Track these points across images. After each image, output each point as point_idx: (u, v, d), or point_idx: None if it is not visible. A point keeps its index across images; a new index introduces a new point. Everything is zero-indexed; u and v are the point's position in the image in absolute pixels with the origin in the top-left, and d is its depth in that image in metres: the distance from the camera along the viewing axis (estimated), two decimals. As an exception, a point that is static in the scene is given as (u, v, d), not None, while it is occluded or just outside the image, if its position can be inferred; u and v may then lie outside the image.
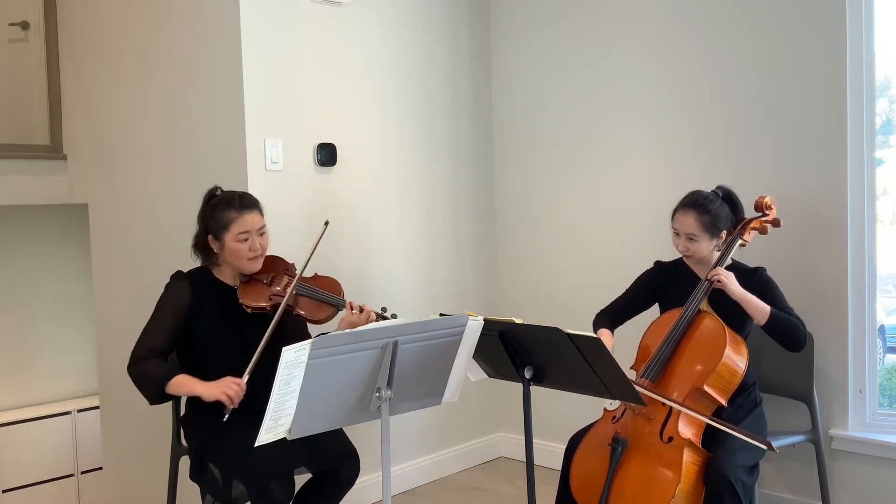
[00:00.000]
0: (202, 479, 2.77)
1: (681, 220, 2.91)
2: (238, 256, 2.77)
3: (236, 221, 2.75)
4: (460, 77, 4.28)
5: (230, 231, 2.75)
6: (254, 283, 2.83)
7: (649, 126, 3.83)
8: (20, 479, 4.96)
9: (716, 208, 2.90)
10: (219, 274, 2.86)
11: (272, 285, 2.83)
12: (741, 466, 2.61)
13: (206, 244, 2.82)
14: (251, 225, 2.76)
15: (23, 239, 5.17)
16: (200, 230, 2.84)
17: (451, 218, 4.26)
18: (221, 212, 2.76)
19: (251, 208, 2.79)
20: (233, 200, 2.78)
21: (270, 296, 2.80)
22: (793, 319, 2.83)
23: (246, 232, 2.75)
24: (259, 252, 2.79)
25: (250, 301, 2.79)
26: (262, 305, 2.78)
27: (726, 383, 2.73)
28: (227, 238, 2.75)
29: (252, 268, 2.81)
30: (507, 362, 2.46)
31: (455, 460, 4.28)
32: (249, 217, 2.77)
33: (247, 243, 2.76)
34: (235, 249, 2.76)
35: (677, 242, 2.94)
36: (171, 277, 2.85)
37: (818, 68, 3.31)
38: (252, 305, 2.78)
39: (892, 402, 3.47)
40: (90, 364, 5.02)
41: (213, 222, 2.77)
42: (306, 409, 2.13)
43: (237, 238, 2.75)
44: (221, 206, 2.78)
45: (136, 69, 3.85)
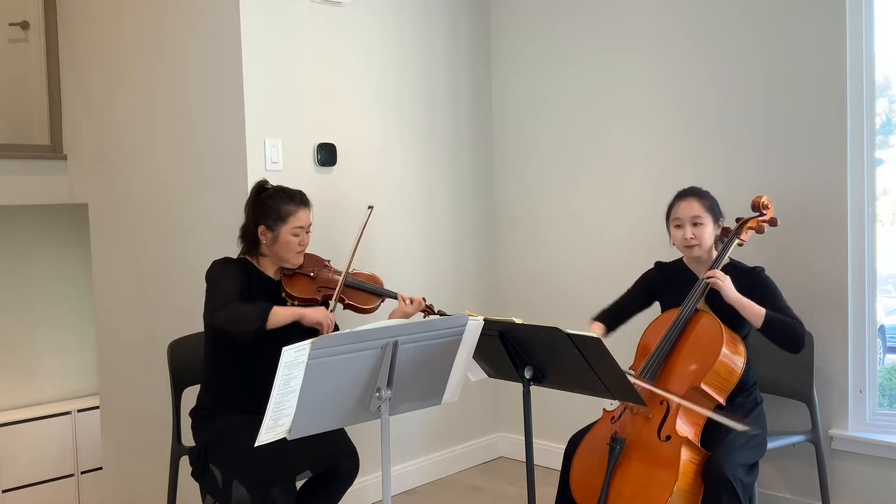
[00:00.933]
0: (203, 478, 2.77)
1: (683, 207, 2.93)
2: (288, 249, 2.85)
3: (295, 215, 2.84)
4: (460, 77, 4.28)
5: (287, 223, 2.83)
6: (300, 277, 2.93)
7: (649, 126, 3.83)
8: (20, 479, 4.96)
9: (710, 196, 2.98)
10: (261, 267, 2.91)
11: (317, 279, 2.94)
12: (740, 465, 2.61)
13: (253, 235, 2.87)
14: (306, 220, 2.88)
15: (23, 239, 5.17)
16: (249, 220, 2.89)
17: (451, 217, 4.26)
18: (282, 204, 2.84)
19: (308, 205, 2.91)
20: (294, 195, 2.88)
21: (318, 287, 2.92)
22: (788, 320, 2.81)
23: (301, 227, 2.86)
24: (305, 247, 2.91)
25: (300, 293, 2.88)
26: (312, 297, 2.89)
27: (724, 382, 2.73)
28: (282, 230, 2.83)
29: (297, 261, 2.91)
30: (507, 362, 2.46)
31: (455, 460, 4.28)
32: (305, 213, 2.88)
33: (298, 237, 2.86)
34: (288, 242, 2.84)
35: (681, 234, 2.93)
36: (217, 262, 2.85)
37: (818, 68, 3.31)
38: (302, 297, 2.88)
39: (892, 402, 3.47)
40: (90, 364, 5.02)
41: (270, 213, 2.83)
42: (306, 409, 2.13)
43: (292, 231, 2.84)
44: (281, 198, 2.86)
45: (137, 69, 3.85)
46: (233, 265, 2.84)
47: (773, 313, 2.80)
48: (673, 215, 2.97)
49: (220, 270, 2.82)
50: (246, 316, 2.66)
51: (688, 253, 2.97)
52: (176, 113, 3.68)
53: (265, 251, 2.88)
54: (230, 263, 2.86)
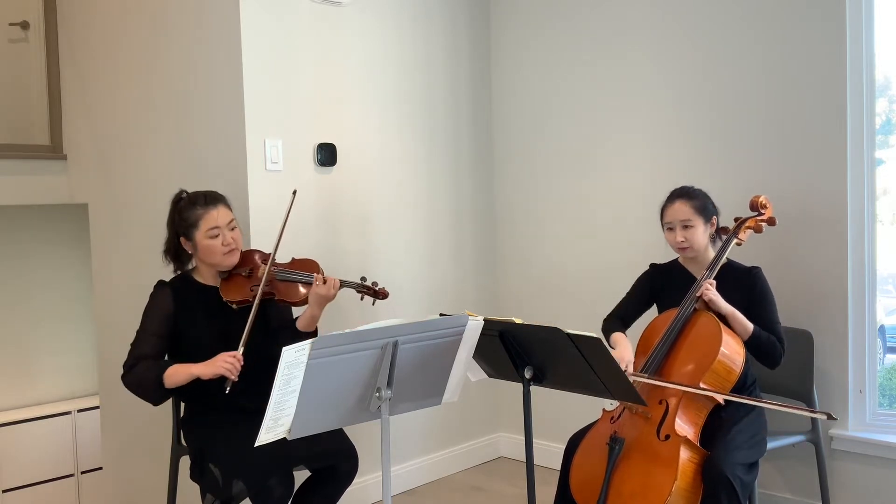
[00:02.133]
0: (202, 478, 2.77)
1: (672, 210, 2.94)
2: (212, 252, 2.78)
3: (203, 218, 2.76)
4: (460, 76, 4.28)
5: (199, 228, 2.77)
6: (234, 278, 2.84)
7: (649, 125, 3.83)
8: (20, 479, 4.96)
9: (701, 194, 2.97)
10: (199, 277, 2.87)
11: (251, 277, 2.84)
12: (740, 464, 2.61)
13: (178, 248, 2.84)
14: (219, 220, 2.78)
15: (23, 239, 5.17)
16: (171, 235, 2.86)
17: (451, 217, 4.26)
18: (188, 211, 2.79)
19: (216, 203, 2.81)
20: (197, 199, 2.81)
21: (251, 287, 2.81)
22: (773, 340, 2.85)
23: (215, 227, 2.77)
24: (233, 246, 2.80)
25: (233, 296, 2.80)
26: (245, 299, 2.80)
27: (723, 381, 2.73)
28: (198, 236, 2.77)
29: (228, 262, 2.82)
30: (507, 362, 2.46)
31: (455, 460, 4.28)
32: (215, 212, 2.78)
33: (218, 239, 2.77)
34: (208, 246, 2.77)
35: (672, 237, 2.95)
36: (154, 287, 2.87)
37: (818, 68, 3.31)
38: (236, 300, 2.80)
39: (892, 402, 3.47)
40: (90, 364, 5.02)
41: (182, 223, 2.80)
42: (306, 409, 2.13)
43: (208, 234, 2.76)
44: (187, 206, 2.81)
45: (137, 69, 3.85)
46: (164, 289, 2.82)
47: (760, 331, 2.83)
48: (664, 219, 2.98)
49: (149, 304, 2.82)
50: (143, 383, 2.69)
51: (680, 254, 2.99)
52: (176, 113, 3.68)
53: (197, 261, 2.85)
54: (161, 288, 2.83)
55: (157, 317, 2.78)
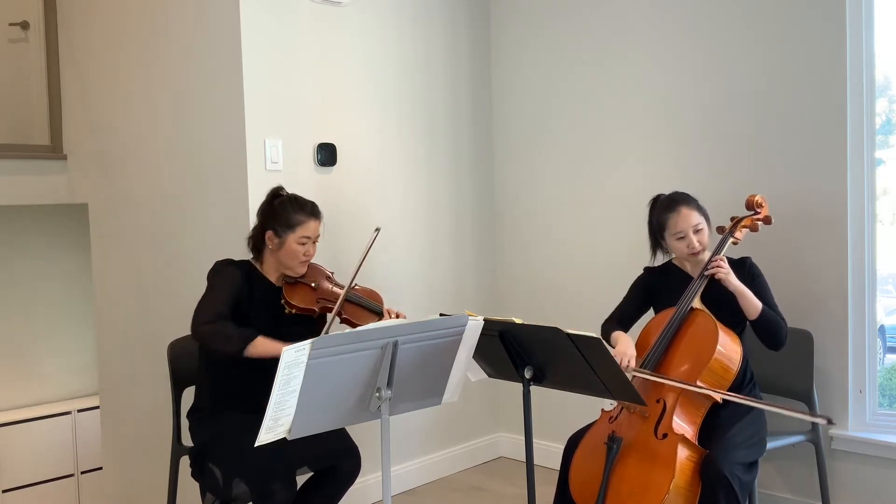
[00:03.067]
0: (203, 477, 2.77)
1: (681, 218, 2.91)
2: (293, 257, 2.84)
3: (304, 225, 2.84)
4: (460, 76, 4.28)
5: (295, 232, 2.83)
6: (301, 286, 2.91)
7: (649, 125, 3.83)
8: (20, 479, 4.96)
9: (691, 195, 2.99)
10: (263, 271, 2.91)
11: (318, 290, 2.92)
12: (738, 463, 2.61)
13: (259, 240, 2.88)
14: (314, 232, 2.88)
15: (23, 239, 5.17)
16: (259, 224, 2.90)
17: (452, 217, 4.26)
18: (293, 212, 2.84)
19: (319, 217, 2.90)
20: (306, 205, 2.88)
21: (318, 299, 2.90)
22: (779, 319, 2.87)
23: (307, 237, 2.85)
24: (310, 257, 2.90)
25: (298, 302, 2.86)
26: (310, 308, 2.87)
27: (720, 379, 2.73)
28: (289, 238, 2.83)
29: (300, 271, 2.90)
30: (507, 362, 2.46)
31: (455, 460, 4.28)
32: (315, 224, 2.88)
33: (304, 247, 2.85)
34: (293, 250, 2.84)
35: (683, 245, 2.91)
36: (219, 263, 2.87)
37: (818, 68, 3.31)
38: (300, 306, 2.86)
39: (892, 402, 3.47)
40: (90, 364, 5.02)
41: (280, 219, 2.84)
42: (306, 409, 2.13)
43: (299, 240, 2.84)
44: (293, 207, 2.86)
45: (136, 69, 3.85)
46: (233, 268, 2.84)
47: (768, 309, 2.84)
48: (672, 230, 2.93)
49: (219, 275, 2.82)
50: (229, 338, 2.67)
51: (693, 259, 2.97)
52: (176, 113, 3.68)
53: (270, 256, 2.88)
54: (231, 266, 2.86)
55: (228, 285, 2.78)
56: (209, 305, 2.74)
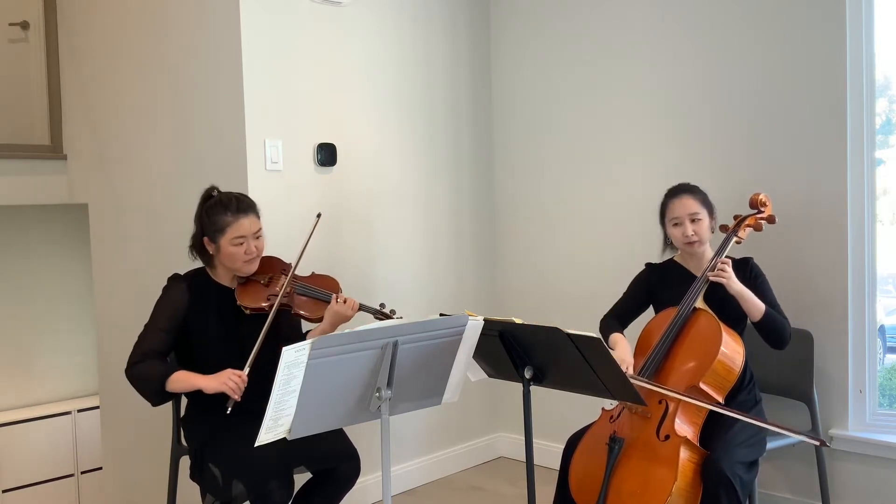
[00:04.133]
0: (202, 478, 2.77)
1: (678, 205, 2.94)
2: (233, 260, 2.76)
3: (232, 226, 2.72)
4: (460, 76, 4.28)
5: (226, 235, 2.73)
6: (251, 284, 2.83)
7: (649, 125, 3.83)
8: (20, 479, 4.96)
9: (701, 190, 2.99)
10: (215, 276, 2.85)
11: (269, 286, 2.83)
12: (739, 463, 2.61)
13: (201, 247, 2.81)
14: (247, 229, 2.74)
15: (23, 239, 5.17)
16: (197, 231, 2.82)
17: (452, 217, 4.26)
18: (217, 215, 2.74)
19: (247, 212, 2.76)
20: (229, 204, 2.75)
21: (268, 296, 2.80)
22: (782, 319, 2.88)
23: (242, 237, 2.73)
24: (255, 255, 2.78)
25: (248, 302, 2.79)
26: (260, 306, 2.78)
27: (722, 381, 2.73)
28: (222, 242, 2.73)
29: (248, 270, 2.80)
30: (507, 362, 2.46)
31: (455, 460, 4.28)
32: (246, 221, 2.74)
33: (242, 247, 2.74)
34: (231, 253, 2.74)
35: (680, 232, 2.93)
36: (169, 280, 2.85)
37: (818, 68, 3.31)
38: (250, 306, 2.78)
39: (892, 402, 3.47)
40: (90, 364, 5.02)
41: (209, 225, 2.75)
42: (306, 409, 2.13)
43: (233, 242, 2.73)
44: (218, 210, 2.75)
45: (137, 69, 3.85)
46: (181, 284, 2.80)
47: (770, 310, 2.84)
48: (669, 215, 2.97)
49: (162, 298, 2.79)
50: (146, 380, 2.66)
51: (688, 249, 2.97)
52: (176, 113, 3.68)
53: (216, 262, 2.82)
54: (176, 282, 2.82)
55: (168, 311, 2.75)
56: (140, 345, 2.72)
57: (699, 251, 2.96)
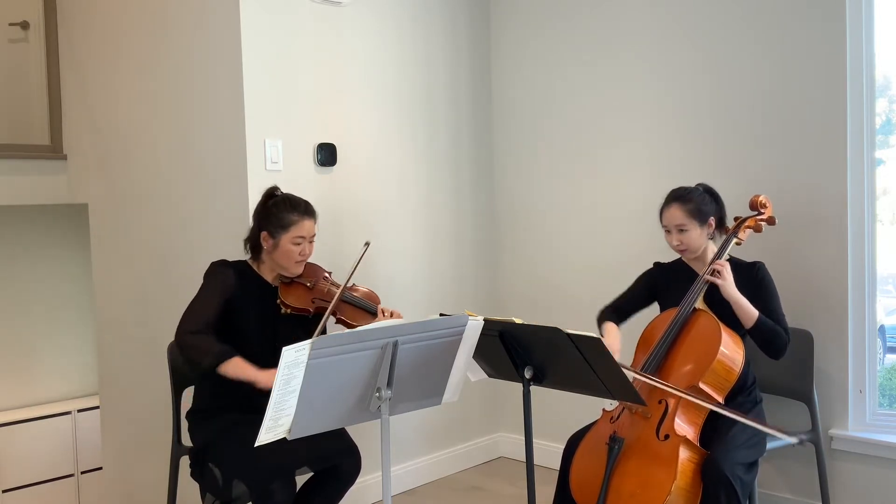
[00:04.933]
0: (202, 478, 2.77)
1: (666, 215, 2.97)
2: (288, 258, 2.83)
3: (297, 224, 2.82)
4: (460, 76, 4.28)
5: (289, 232, 2.82)
6: (297, 286, 2.91)
7: (649, 125, 3.83)
8: (20, 479, 4.96)
9: (697, 196, 2.96)
10: (260, 271, 2.91)
11: (314, 290, 2.92)
12: (739, 464, 2.61)
13: (256, 241, 2.87)
14: (308, 231, 2.86)
15: (23, 239, 5.17)
16: (255, 225, 2.89)
17: (452, 217, 4.26)
18: (285, 212, 2.83)
19: (312, 215, 2.89)
20: (298, 205, 2.87)
21: (313, 299, 2.90)
22: (778, 328, 2.85)
23: (302, 237, 2.84)
24: (306, 257, 2.88)
25: (294, 302, 2.86)
26: (305, 307, 2.87)
27: (722, 381, 2.73)
28: (283, 238, 2.82)
29: (296, 271, 2.89)
30: (507, 362, 2.46)
31: (455, 460, 4.28)
32: (309, 224, 2.86)
33: (299, 247, 2.84)
34: (288, 251, 2.82)
35: (670, 239, 2.97)
36: (214, 264, 2.87)
37: (818, 68, 3.31)
38: (295, 306, 2.85)
39: (892, 402, 3.47)
40: (90, 364, 5.02)
41: (273, 220, 2.83)
42: (306, 409, 2.13)
43: (293, 240, 2.82)
44: (286, 207, 2.85)
45: (136, 69, 3.85)
46: (227, 269, 2.84)
47: (764, 318, 2.83)
48: (661, 221, 3.00)
49: (211, 278, 2.82)
50: (207, 352, 2.65)
51: (681, 255, 3.00)
52: (176, 113, 3.68)
53: (266, 257, 2.88)
54: (225, 267, 2.85)
55: (219, 290, 2.78)
56: (196, 312, 2.74)
57: (691, 257, 2.98)
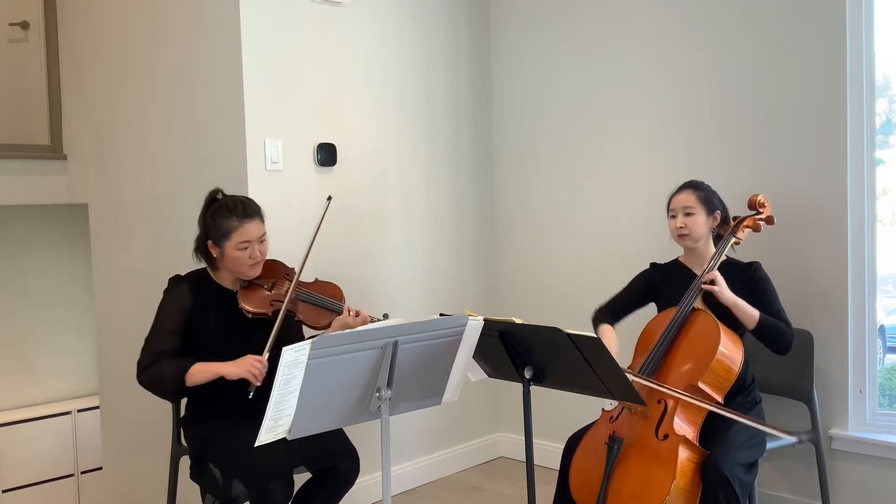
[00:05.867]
0: (202, 478, 2.77)
1: (678, 198, 2.99)
2: (238, 264, 2.75)
3: (237, 230, 2.71)
4: (460, 76, 4.28)
5: (231, 239, 2.72)
6: (254, 288, 2.83)
7: (649, 125, 3.83)
8: (20, 479, 4.96)
9: (709, 189, 3.01)
10: (218, 278, 2.84)
11: (273, 290, 2.83)
12: (739, 464, 2.61)
13: (205, 250, 2.81)
14: (252, 234, 2.73)
15: (23, 239, 5.17)
16: (201, 234, 2.82)
17: (452, 217, 4.26)
18: (223, 219, 2.73)
19: (253, 217, 2.75)
20: (235, 208, 2.74)
21: (271, 301, 2.80)
22: (781, 325, 2.86)
23: (247, 241, 2.72)
24: (259, 259, 2.77)
25: (251, 306, 2.78)
26: (262, 311, 2.78)
27: (721, 380, 2.73)
28: (227, 246, 2.73)
29: (251, 274, 2.80)
30: (507, 362, 2.46)
31: (455, 460, 4.28)
32: (250, 226, 2.73)
33: (247, 251, 2.73)
34: (235, 257, 2.73)
35: (673, 224, 2.97)
36: (170, 281, 2.84)
37: (818, 68, 3.31)
38: (253, 311, 2.78)
39: (892, 402, 3.47)
40: (90, 364, 5.02)
41: (213, 229, 2.74)
42: (306, 409, 2.13)
43: (238, 247, 2.72)
44: (223, 214, 2.74)
45: (137, 69, 3.85)
46: (181, 284, 2.79)
47: (766, 317, 2.84)
48: (669, 206, 3.02)
49: (166, 298, 2.78)
50: (163, 379, 2.64)
51: (679, 242, 2.99)
52: (176, 113, 3.68)
53: (219, 265, 2.82)
54: (179, 283, 2.81)
55: (174, 312, 2.74)
56: (148, 346, 2.72)
57: (699, 245, 2.97)
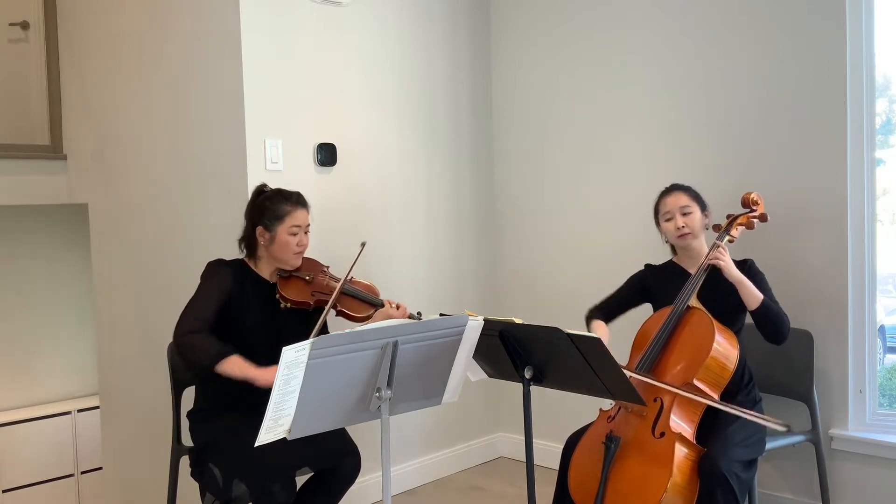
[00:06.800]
0: (202, 478, 2.77)
1: (670, 200, 2.99)
2: (286, 249, 2.85)
3: (291, 214, 2.85)
4: (460, 77, 4.28)
5: (284, 223, 2.83)
6: (295, 280, 2.92)
7: (649, 125, 3.83)
8: (20, 479, 4.96)
9: (693, 188, 3.04)
10: (257, 269, 2.92)
11: (313, 283, 2.93)
12: (737, 461, 2.62)
13: (251, 238, 2.89)
14: (303, 220, 2.88)
15: (23, 239, 5.17)
16: (248, 224, 2.91)
17: (452, 217, 4.26)
18: (278, 204, 2.86)
19: (305, 206, 2.91)
20: (290, 196, 2.89)
21: (313, 292, 2.91)
22: (781, 310, 2.89)
23: (298, 226, 2.86)
24: (304, 247, 2.90)
25: (293, 295, 2.87)
26: (305, 301, 2.88)
27: (717, 377, 2.74)
28: (279, 229, 2.83)
29: (295, 262, 2.90)
30: (507, 362, 2.46)
31: (455, 460, 4.28)
32: (302, 213, 2.88)
33: (296, 237, 2.86)
34: (285, 242, 2.84)
35: (672, 225, 2.97)
36: (212, 263, 2.88)
37: (818, 68, 3.31)
38: (295, 299, 2.87)
39: (892, 402, 3.47)
40: (90, 364, 5.02)
41: (267, 213, 2.84)
42: (306, 409, 2.13)
43: (289, 231, 2.84)
44: (278, 199, 2.87)
45: (136, 69, 3.85)
46: (224, 268, 2.85)
47: (769, 301, 2.86)
48: (661, 210, 3.02)
49: (209, 277, 2.82)
50: (205, 351, 2.65)
51: (681, 242, 2.99)
52: (176, 113, 3.68)
53: (263, 253, 2.89)
54: (222, 266, 2.86)
55: (216, 289, 2.79)
56: (193, 312, 2.73)
57: (694, 245, 2.98)
